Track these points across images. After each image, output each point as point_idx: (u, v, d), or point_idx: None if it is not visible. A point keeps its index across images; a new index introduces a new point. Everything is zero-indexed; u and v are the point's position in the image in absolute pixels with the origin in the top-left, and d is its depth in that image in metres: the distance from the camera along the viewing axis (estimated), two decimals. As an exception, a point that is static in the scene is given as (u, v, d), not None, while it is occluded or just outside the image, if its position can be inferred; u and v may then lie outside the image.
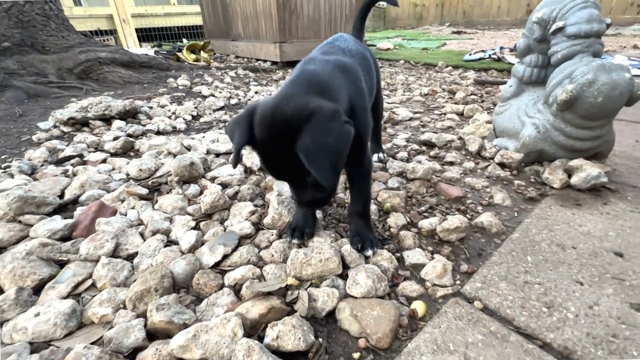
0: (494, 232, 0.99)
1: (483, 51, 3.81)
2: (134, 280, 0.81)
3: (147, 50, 6.04)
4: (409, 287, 0.80)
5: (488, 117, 1.87)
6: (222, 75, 3.60)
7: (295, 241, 0.94)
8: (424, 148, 1.61)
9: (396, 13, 10.31)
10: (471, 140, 1.54)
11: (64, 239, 1.01)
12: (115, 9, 7.78)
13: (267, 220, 1.05)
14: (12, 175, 1.37)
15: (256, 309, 0.72)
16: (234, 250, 0.92)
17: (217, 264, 0.89)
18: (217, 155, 1.59)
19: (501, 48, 3.76)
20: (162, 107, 2.41)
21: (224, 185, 1.28)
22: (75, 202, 1.21)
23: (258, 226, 1.05)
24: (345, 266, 0.86)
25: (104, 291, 0.78)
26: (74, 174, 1.40)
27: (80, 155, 1.56)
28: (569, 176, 1.23)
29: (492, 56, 3.63)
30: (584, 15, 1.21)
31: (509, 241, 0.95)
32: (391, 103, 2.39)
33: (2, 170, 1.42)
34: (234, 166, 0.72)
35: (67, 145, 1.70)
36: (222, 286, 0.83)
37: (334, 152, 0.61)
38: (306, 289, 0.78)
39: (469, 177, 1.32)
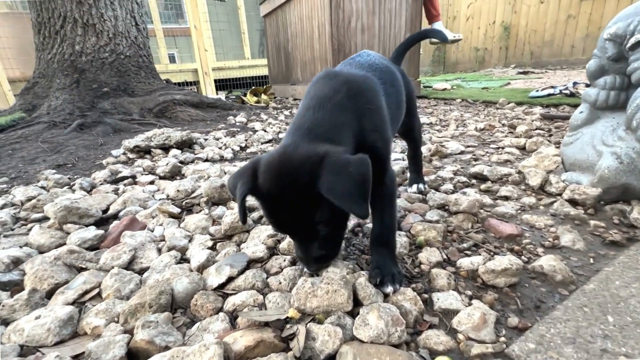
0: (558, 280, 0.77)
1: (552, 87, 3.47)
2: (137, 295, 0.78)
3: (221, 96, 6.81)
4: (434, 338, 0.63)
5: (556, 150, 1.62)
6: (277, 113, 3.82)
7: (307, 269, 0.84)
8: (473, 181, 1.42)
9: (456, 57, 10.23)
10: (532, 173, 1.32)
11: (93, 248, 1.05)
12: (200, 64, 9.08)
13: (283, 245, 0.98)
14: (73, 191, 1.53)
15: (244, 340, 0.62)
16: (241, 273, 0.85)
17: (221, 286, 0.83)
18: (253, 181, 1.60)
19: (575, 83, 3.39)
20: (217, 139, 2.59)
21: (251, 209, 1.25)
22: (115, 216, 1.28)
23: (273, 250, 0.98)
24: (358, 303, 0.73)
25: (103, 302, 0.76)
26: (123, 192, 1.50)
27: (133, 177, 1.70)
28: (671, 218, 0.95)
29: (564, 92, 3.28)
30: (672, 23, 1.01)
31: (580, 293, 0.72)
32: (441, 137, 2.24)
33: (69, 187, 1.60)
34: (243, 222, 0.70)
35: (126, 169, 1.87)
36: (219, 310, 0.75)
37: (361, 181, 0.58)
38: (307, 324, 0.66)
39: (528, 213, 1.10)
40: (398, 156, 1.81)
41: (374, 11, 4.05)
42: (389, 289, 0.73)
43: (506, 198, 1.23)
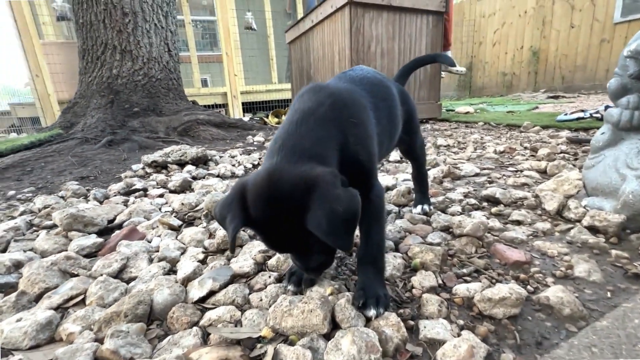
0: (566, 315, 0.68)
1: (582, 111, 3.30)
2: (120, 304, 0.77)
3: (246, 118, 7.08)
4: (413, 370, 0.57)
5: (579, 174, 1.50)
6: (295, 134, 3.88)
7: (290, 287, 0.81)
8: (484, 204, 1.34)
9: (483, 82, 10.09)
10: (548, 197, 1.22)
11: (91, 255, 1.08)
12: (229, 88, 9.56)
13: (271, 262, 0.95)
14: (88, 201, 1.59)
15: (207, 357, 0.59)
16: (224, 287, 0.83)
17: (202, 300, 0.81)
18: (258, 197, 1.60)
19: (606, 107, 3.20)
20: (232, 157, 2.65)
21: (249, 224, 1.24)
22: (120, 226, 1.31)
23: (262, 266, 0.95)
24: (337, 325, 0.68)
25: (82, 309, 0.76)
26: (132, 203, 1.55)
27: (145, 189, 1.75)
28: None
29: (594, 115, 3.10)
30: (699, 38, 0.93)
31: (590, 330, 0.63)
32: (457, 159, 2.16)
33: (84, 197, 1.68)
34: (232, 252, 0.69)
35: (141, 182, 1.94)
36: (194, 324, 0.73)
37: (349, 220, 0.58)
38: (276, 345, 0.62)
39: (541, 240, 1.01)
40: (407, 177, 1.76)
41: (393, 36, 4.11)
42: (372, 313, 0.68)
43: (518, 223, 1.14)
